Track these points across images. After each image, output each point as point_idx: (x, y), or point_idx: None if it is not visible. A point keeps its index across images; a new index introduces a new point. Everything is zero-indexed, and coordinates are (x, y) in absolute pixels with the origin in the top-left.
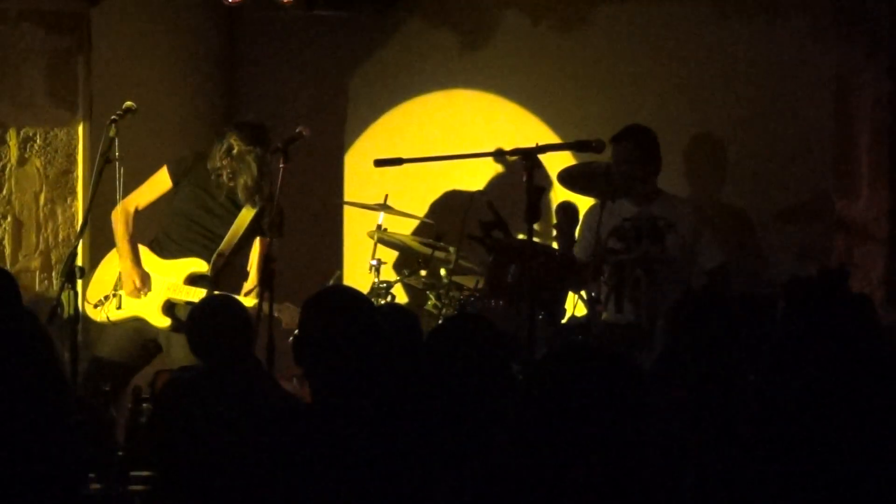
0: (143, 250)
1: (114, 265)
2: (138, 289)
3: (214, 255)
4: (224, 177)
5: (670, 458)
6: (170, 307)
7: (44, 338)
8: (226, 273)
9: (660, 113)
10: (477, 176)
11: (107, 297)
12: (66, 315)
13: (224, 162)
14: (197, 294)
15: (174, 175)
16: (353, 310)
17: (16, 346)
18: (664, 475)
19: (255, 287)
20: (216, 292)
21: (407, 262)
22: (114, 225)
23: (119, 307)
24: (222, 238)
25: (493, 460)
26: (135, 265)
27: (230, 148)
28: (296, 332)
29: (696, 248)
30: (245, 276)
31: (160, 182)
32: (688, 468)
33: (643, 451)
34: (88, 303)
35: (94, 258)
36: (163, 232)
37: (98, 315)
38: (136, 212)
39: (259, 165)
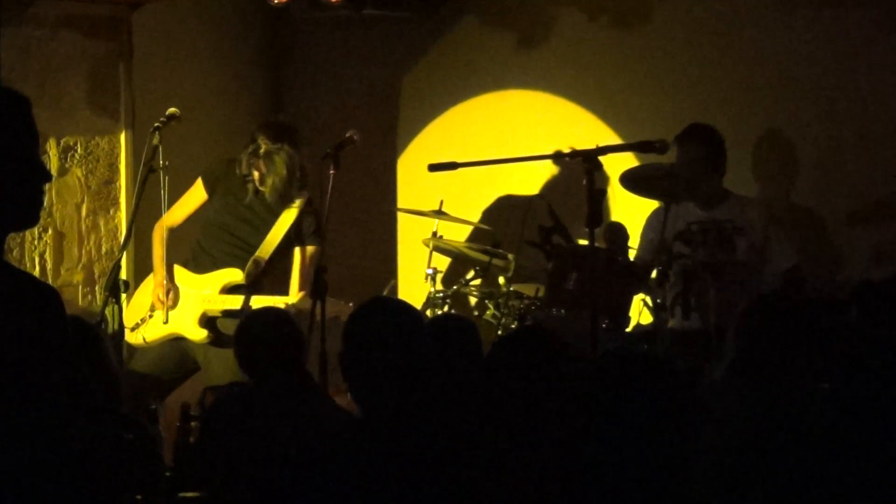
0: (179, 270)
1: (148, 287)
2: (162, 301)
3: (249, 263)
4: (255, 179)
5: (741, 470)
6: (208, 321)
7: (97, 355)
8: (267, 279)
9: (724, 110)
10: (535, 179)
11: (143, 321)
12: (110, 330)
13: (252, 162)
14: (233, 301)
15: (208, 185)
16: (400, 322)
17: (62, 364)
18: (733, 487)
19: (298, 300)
20: (254, 297)
21: (464, 270)
22: (152, 240)
23: (155, 328)
24: (254, 246)
25: (554, 477)
26: (162, 280)
27: (257, 148)
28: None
29: (766, 250)
30: (286, 282)
31: (196, 195)
32: (759, 480)
33: (691, 461)
34: (125, 327)
35: (139, 271)
36: (197, 244)
37: (134, 338)
38: (172, 229)
39: (288, 163)
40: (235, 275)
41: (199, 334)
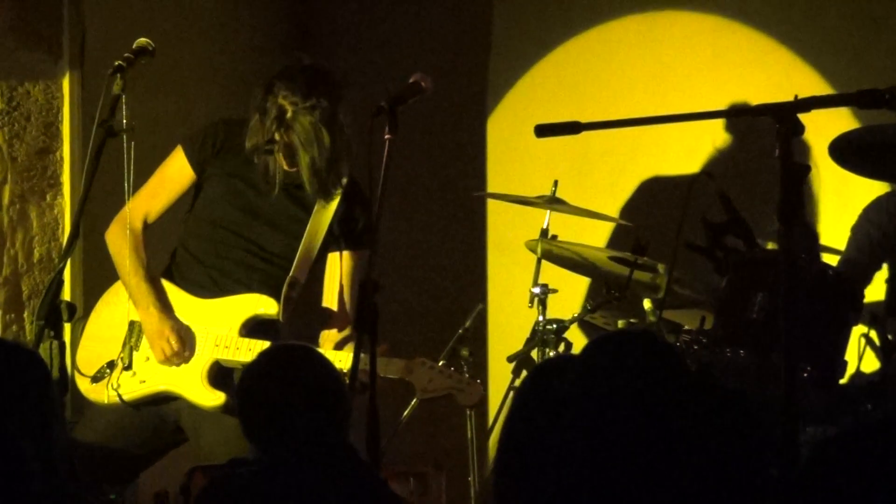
0: (169, 287)
1: (117, 310)
2: (177, 353)
3: (285, 287)
4: (277, 158)
5: None
6: (220, 374)
7: (37, 401)
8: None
9: None
10: (698, 150)
11: (112, 365)
12: None
13: (276, 132)
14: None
15: (194, 157)
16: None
17: None
18: None
19: (348, 335)
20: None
21: (590, 288)
22: (113, 252)
23: (136, 377)
24: (279, 256)
25: None
26: (164, 315)
27: (281, 111)
28: None
29: None
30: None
31: (176, 171)
32: None
33: None
34: (83, 375)
35: (90, 288)
36: (183, 251)
37: (101, 394)
38: (148, 226)
39: (329, 128)
40: (266, 305)
41: (211, 398)
